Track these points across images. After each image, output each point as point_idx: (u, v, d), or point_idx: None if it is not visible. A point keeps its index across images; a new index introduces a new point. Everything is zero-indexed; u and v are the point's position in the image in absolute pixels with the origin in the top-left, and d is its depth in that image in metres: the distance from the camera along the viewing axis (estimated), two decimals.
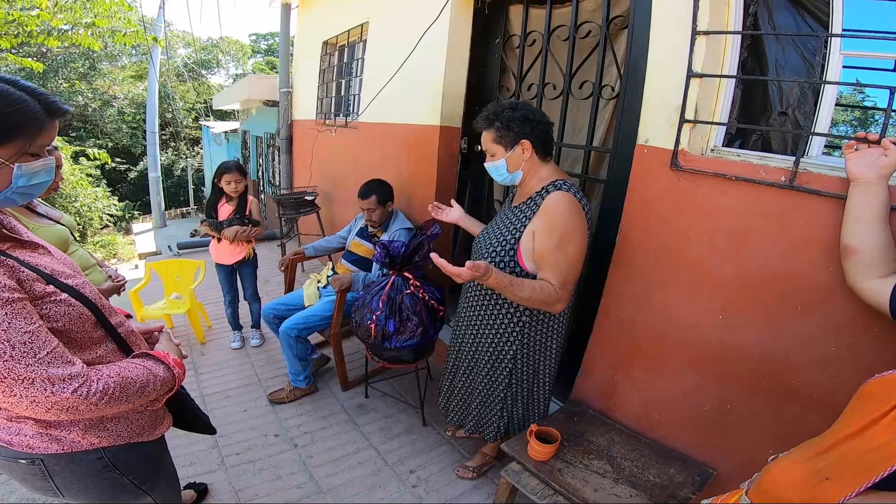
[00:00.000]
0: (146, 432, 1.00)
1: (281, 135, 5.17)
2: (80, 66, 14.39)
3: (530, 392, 1.66)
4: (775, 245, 1.24)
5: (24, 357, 0.71)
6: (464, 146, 2.56)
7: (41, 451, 0.87)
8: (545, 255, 1.36)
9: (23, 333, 0.72)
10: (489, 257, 1.47)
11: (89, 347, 0.88)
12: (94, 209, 10.94)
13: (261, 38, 24.78)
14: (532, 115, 1.41)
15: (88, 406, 0.77)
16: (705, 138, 1.44)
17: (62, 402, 0.74)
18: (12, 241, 0.83)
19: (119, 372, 0.84)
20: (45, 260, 0.86)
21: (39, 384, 0.72)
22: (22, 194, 0.80)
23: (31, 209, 1.64)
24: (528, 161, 1.43)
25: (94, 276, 1.77)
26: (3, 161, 0.74)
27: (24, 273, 0.77)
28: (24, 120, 0.74)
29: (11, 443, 0.86)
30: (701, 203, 1.39)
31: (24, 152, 0.76)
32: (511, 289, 1.31)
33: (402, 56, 2.73)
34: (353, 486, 1.86)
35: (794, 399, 1.25)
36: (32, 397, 0.72)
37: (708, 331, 1.42)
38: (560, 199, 1.36)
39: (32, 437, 0.86)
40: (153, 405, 0.98)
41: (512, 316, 1.52)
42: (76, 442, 0.89)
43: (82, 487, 0.95)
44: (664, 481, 1.43)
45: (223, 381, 2.58)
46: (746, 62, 1.42)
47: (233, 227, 2.61)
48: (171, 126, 17.74)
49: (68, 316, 0.82)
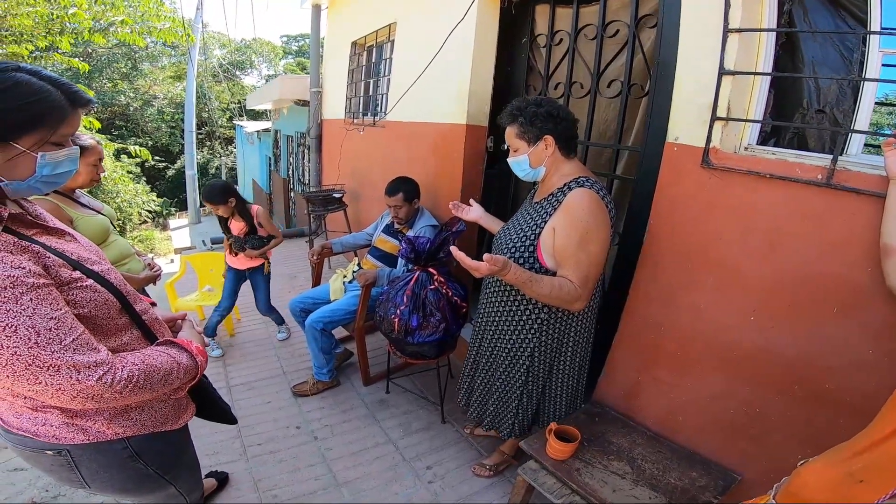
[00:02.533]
0: (170, 421, 1.00)
1: (311, 134, 5.27)
2: (123, 66, 15.12)
3: (544, 390, 1.65)
4: (811, 245, 1.20)
5: (50, 344, 0.70)
6: (490, 145, 2.56)
7: (67, 441, 0.86)
8: (566, 253, 1.35)
9: (48, 319, 0.71)
10: (508, 253, 1.47)
11: (114, 334, 0.87)
12: (134, 205, 11.43)
13: (291, 39, 25.41)
14: (556, 112, 1.40)
15: (113, 394, 0.76)
16: (738, 136, 1.41)
17: (87, 389, 0.73)
18: (38, 228, 0.84)
19: (143, 359, 0.83)
20: (71, 246, 0.86)
21: (65, 371, 0.71)
22: (46, 183, 0.80)
23: (75, 200, 1.73)
24: (550, 157, 1.43)
25: (132, 265, 1.86)
26: (26, 150, 0.74)
27: (50, 259, 0.76)
28: (46, 109, 0.74)
29: (38, 433, 0.85)
30: (733, 202, 1.36)
31: (46, 141, 0.76)
32: (530, 285, 1.31)
33: (429, 56, 2.75)
34: (370, 479, 1.88)
35: (827, 404, 1.21)
36: (58, 385, 0.71)
37: (738, 333, 1.38)
38: (583, 195, 1.35)
39: (58, 427, 0.85)
40: (176, 394, 0.98)
41: (531, 313, 1.51)
42: (101, 432, 0.88)
43: (107, 478, 0.95)
44: (685, 484, 1.40)
45: (249, 372, 2.65)
46: (781, 60, 1.38)
47: (255, 249, 2.63)
48: (207, 125, 18.40)
49: (94, 302, 0.82)
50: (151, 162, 11.14)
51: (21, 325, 0.68)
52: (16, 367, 0.68)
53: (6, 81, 0.70)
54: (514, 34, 2.39)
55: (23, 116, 0.72)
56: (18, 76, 0.72)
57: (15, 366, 0.68)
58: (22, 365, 0.68)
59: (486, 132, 2.55)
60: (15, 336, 0.68)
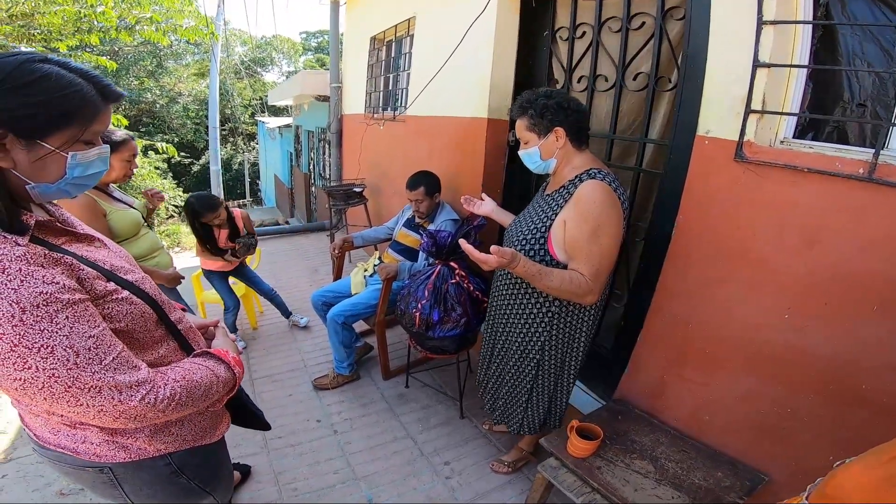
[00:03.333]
0: (208, 434, 0.97)
1: (331, 129, 5.32)
2: (149, 64, 15.51)
3: (556, 385, 1.63)
4: (851, 241, 1.15)
5: (90, 364, 0.66)
6: (511, 139, 2.53)
7: (108, 459, 0.83)
8: (577, 246, 1.33)
9: (87, 338, 0.66)
10: (519, 245, 1.45)
11: (151, 347, 0.83)
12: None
13: (311, 35, 25.67)
14: (566, 103, 1.38)
15: (156, 413, 0.73)
16: (774, 129, 1.36)
17: (130, 410, 0.69)
18: (68, 235, 0.78)
19: (184, 375, 0.80)
20: (102, 254, 0.82)
21: (107, 393, 0.67)
22: (76, 185, 0.73)
23: (108, 193, 1.78)
24: (561, 149, 1.41)
25: (161, 259, 1.91)
26: (55, 149, 0.67)
27: (84, 271, 0.71)
28: (77, 105, 0.68)
29: (77, 451, 0.81)
30: (768, 196, 1.31)
31: (77, 140, 0.70)
32: (539, 278, 1.29)
33: (449, 49, 2.74)
34: (388, 474, 1.90)
35: (863, 405, 1.16)
36: (100, 406, 0.67)
37: (771, 332, 1.33)
38: (595, 187, 1.33)
39: (98, 444, 0.81)
40: (214, 406, 0.93)
41: (541, 306, 1.50)
42: (143, 449, 0.85)
43: (151, 494, 0.92)
44: (710, 484, 1.37)
45: (272, 365, 2.70)
46: (819, 54, 1.33)
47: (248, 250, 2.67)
48: (230, 122, 18.75)
49: (131, 315, 0.77)
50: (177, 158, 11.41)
51: (58, 345, 0.63)
52: (54, 389, 0.64)
53: (33, 73, 0.64)
54: (535, 27, 2.36)
55: (52, 112, 0.66)
56: (46, 68, 0.65)
57: (53, 388, 0.64)
58: (61, 387, 0.64)
59: (508, 126, 2.53)
60: (52, 358, 0.63)
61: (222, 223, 2.54)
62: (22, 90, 0.63)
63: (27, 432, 0.86)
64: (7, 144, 0.64)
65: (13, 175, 0.66)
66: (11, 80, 0.62)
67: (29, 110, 0.64)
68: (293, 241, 5.43)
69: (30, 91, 0.63)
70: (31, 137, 0.65)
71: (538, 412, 1.67)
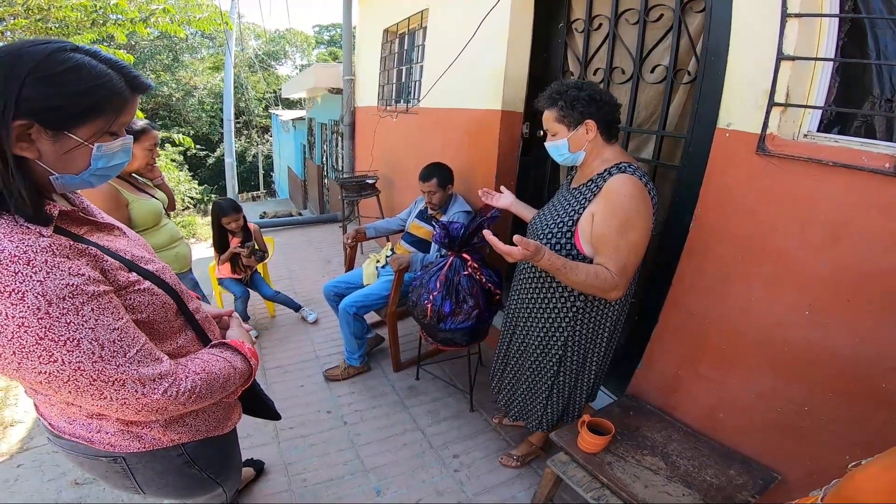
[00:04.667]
0: (221, 425, 0.97)
1: (344, 121, 5.34)
2: (165, 57, 15.71)
3: (576, 382, 1.61)
4: (877, 237, 1.11)
5: (115, 357, 0.66)
6: (525, 131, 2.51)
7: (122, 449, 0.83)
8: (605, 240, 1.31)
9: (111, 331, 0.66)
10: (544, 239, 1.43)
11: (171, 337, 0.83)
12: (178, 192, 11.89)
13: (324, 29, 25.72)
14: (598, 96, 1.35)
15: (177, 406, 0.73)
16: (797, 122, 1.32)
17: (153, 403, 0.70)
18: (89, 225, 0.77)
19: (203, 367, 0.80)
20: (122, 243, 0.81)
21: (130, 386, 0.67)
22: (99, 176, 0.73)
23: (132, 183, 1.79)
24: (591, 142, 1.38)
25: (181, 249, 1.93)
26: (83, 141, 0.67)
27: (108, 262, 0.71)
28: (107, 96, 0.66)
29: (92, 440, 0.82)
30: (791, 191, 1.28)
31: (105, 132, 0.69)
32: (564, 272, 1.27)
33: (462, 41, 2.71)
34: (397, 466, 1.90)
35: (883, 405, 1.13)
36: (123, 399, 0.67)
37: (791, 329, 1.30)
38: (624, 181, 1.30)
39: (113, 434, 0.82)
40: (229, 398, 0.94)
41: (566, 301, 1.48)
42: (157, 439, 0.85)
43: (163, 484, 0.93)
44: (722, 482, 1.35)
45: (284, 356, 2.72)
46: (847, 48, 1.29)
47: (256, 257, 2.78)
48: (245, 115, 18.91)
49: (152, 305, 0.77)
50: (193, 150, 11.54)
51: (84, 338, 0.63)
52: (79, 383, 0.64)
53: (64, 63, 0.62)
54: (549, 19, 2.33)
55: (81, 104, 0.64)
56: (77, 57, 0.64)
57: (78, 382, 0.64)
58: (86, 381, 0.64)
59: (522, 118, 2.50)
60: (77, 350, 0.63)
61: (238, 229, 2.76)
62: (51, 80, 0.61)
63: (42, 422, 0.87)
64: (32, 135, 0.62)
65: (38, 165, 0.65)
66: (41, 69, 0.60)
67: (58, 101, 0.62)
68: (306, 232, 5.47)
69: (59, 82, 0.62)
70: (59, 129, 0.64)
71: (557, 409, 1.66)
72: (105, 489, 1.72)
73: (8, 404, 2.21)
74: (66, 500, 1.69)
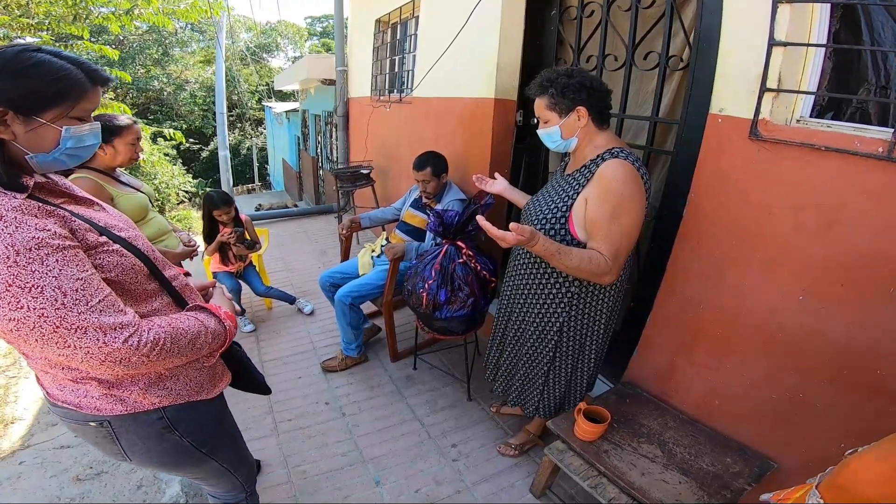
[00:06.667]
0: (205, 390, 0.99)
1: (338, 112, 5.30)
2: (155, 52, 15.47)
3: (574, 368, 1.62)
4: (871, 223, 1.11)
5: (77, 305, 0.70)
6: (519, 119, 2.49)
7: (107, 412, 0.87)
8: (597, 224, 1.31)
9: (75, 280, 0.71)
10: (538, 224, 1.43)
11: (144, 300, 0.88)
12: (172, 186, 11.80)
13: (316, 20, 25.41)
14: (589, 82, 1.35)
15: (140, 357, 0.76)
16: (790, 108, 1.32)
17: (115, 352, 0.73)
18: (66, 197, 0.85)
19: (170, 322, 0.83)
20: (98, 214, 0.88)
21: (92, 333, 0.71)
22: (71, 156, 0.81)
23: (116, 178, 1.78)
24: (583, 129, 1.38)
25: (169, 242, 1.92)
26: (48, 122, 0.76)
27: (77, 223, 0.77)
28: (66, 85, 0.76)
29: (80, 405, 0.87)
30: (784, 176, 1.27)
31: (66, 115, 0.78)
32: (558, 256, 1.27)
33: (454, 30, 2.68)
34: (396, 456, 1.91)
35: (879, 393, 1.14)
36: (87, 348, 0.71)
37: (786, 315, 1.31)
38: (617, 166, 1.30)
39: (98, 398, 0.86)
40: (208, 360, 0.97)
41: (561, 286, 1.48)
42: (138, 402, 0.89)
43: (145, 450, 0.95)
44: (718, 470, 1.37)
45: (281, 347, 2.73)
46: (839, 34, 1.29)
47: (245, 246, 2.77)
48: (238, 108, 18.72)
49: (121, 266, 0.82)
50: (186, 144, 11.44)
51: (47, 285, 0.68)
52: (43, 329, 0.69)
53: (29, 60, 0.73)
54: (542, 6, 2.30)
55: (45, 92, 0.74)
56: (39, 56, 0.74)
57: (43, 328, 0.69)
58: (49, 327, 0.69)
59: (516, 106, 2.48)
60: (41, 297, 0.68)
61: (229, 222, 2.75)
62: (19, 74, 0.72)
63: (42, 392, 0.92)
64: (7, 120, 0.73)
65: (14, 146, 0.75)
66: (10, 66, 0.72)
67: (26, 91, 0.73)
68: (302, 223, 5.45)
69: (26, 75, 0.73)
70: (29, 114, 0.74)
71: (555, 395, 1.67)
72: (106, 485, 1.74)
73: (8, 401, 2.21)
74: (67, 496, 1.69)
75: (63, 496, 1.69)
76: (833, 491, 0.76)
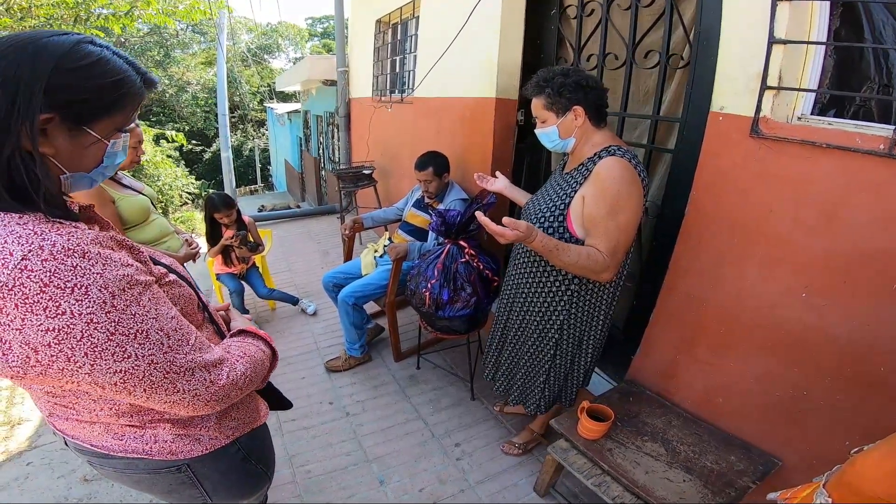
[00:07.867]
0: (258, 415, 0.95)
1: (339, 113, 5.32)
2: (156, 54, 15.53)
3: (572, 364, 1.62)
4: (871, 218, 1.11)
5: (181, 345, 0.63)
6: (520, 118, 2.49)
7: (185, 455, 0.78)
8: (595, 222, 1.32)
9: (170, 319, 0.63)
10: (537, 222, 1.44)
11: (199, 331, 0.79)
12: (175, 187, 11.84)
13: (316, 21, 25.43)
14: (585, 81, 1.35)
15: (237, 391, 0.70)
16: (791, 106, 1.32)
17: (220, 390, 0.67)
18: (99, 223, 0.74)
19: (243, 351, 0.77)
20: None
21: (199, 374, 0.65)
22: (102, 175, 0.69)
23: (117, 181, 1.78)
24: (580, 127, 1.38)
25: (172, 243, 1.93)
26: (100, 137, 0.62)
27: (142, 253, 0.67)
28: (126, 92, 0.63)
29: (150, 452, 0.76)
30: (785, 173, 1.27)
31: (119, 128, 0.65)
32: (556, 253, 1.28)
33: (455, 30, 2.69)
34: (399, 455, 1.92)
35: (881, 389, 1.14)
36: (194, 390, 0.64)
37: (787, 312, 1.31)
38: (614, 164, 1.30)
39: (172, 441, 0.77)
40: (262, 383, 0.90)
41: (561, 284, 1.49)
42: (215, 438, 0.82)
43: (228, 485, 0.89)
44: (722, 468, 1.37)
45: (285, 347, 2.73)
46: (840, 32, 1.28)
47: (248, 248, 2.75)
48: (240, 109, 18.77)
49: (183, 298, 0.74)
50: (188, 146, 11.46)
51: (151, 329, 0.60)
52: (154, 377, 0.60)
53: (88, 56, 0.58)
54: (542, 5, 2.30)
55: (104, 99, 0.61)
56: (99, 51, 0.60)
57: (153, 376, 0.60)
58: (160, 374, 0.61)
59: (517, 105, 2.48)
60: (148, 343, 0.59)
61: (231, 223, 2.74)
62: (76, 73, 0.57)
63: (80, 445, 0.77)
64: (49, 130, 0.57)
65: (52, 164, 0.60)
66: (67, 61, 0.56)
67: (82, 95, 0.58)
68: (304, 224, 5.47)
69: (86, 75, 0.58)
70: (79, 123, 0.60)
71: (553, 391, 1.67)
72: (113, 486, 1.74)
73: (15, 403, 2.23)
74: (75, 496, 1.71)
75: (71, 497, 1.70)
76: (841, 489, 0.76)
